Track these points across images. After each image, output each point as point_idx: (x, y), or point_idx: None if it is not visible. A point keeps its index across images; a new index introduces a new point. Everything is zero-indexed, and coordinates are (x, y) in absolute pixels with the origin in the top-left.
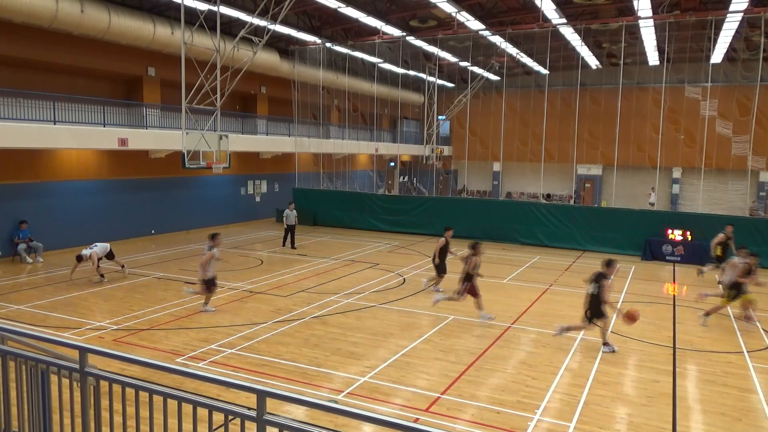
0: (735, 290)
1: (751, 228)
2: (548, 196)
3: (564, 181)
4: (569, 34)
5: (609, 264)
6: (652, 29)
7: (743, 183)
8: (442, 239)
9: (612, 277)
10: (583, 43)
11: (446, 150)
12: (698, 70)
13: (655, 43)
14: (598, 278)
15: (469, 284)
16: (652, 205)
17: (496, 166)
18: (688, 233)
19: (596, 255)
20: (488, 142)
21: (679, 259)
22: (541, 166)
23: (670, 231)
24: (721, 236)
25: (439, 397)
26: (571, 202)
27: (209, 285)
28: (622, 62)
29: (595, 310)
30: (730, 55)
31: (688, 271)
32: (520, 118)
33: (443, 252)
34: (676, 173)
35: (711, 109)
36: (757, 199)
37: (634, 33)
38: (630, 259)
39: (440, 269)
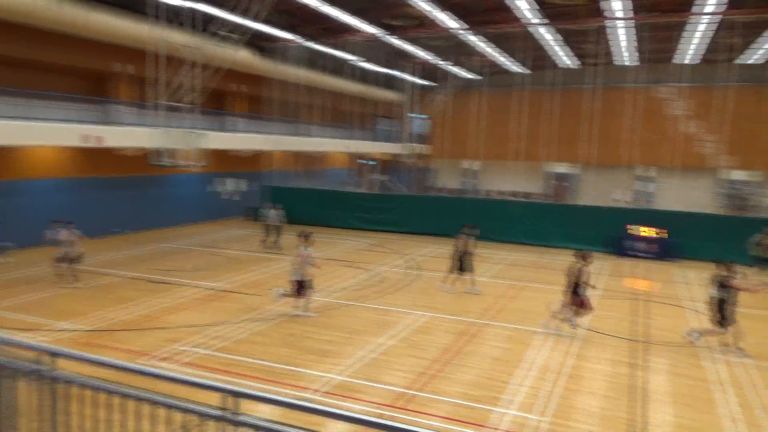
0: None
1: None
2: (527, 194)
3: (539, 179)
4: (546, 34)
5: (728, 267)
6: (626, 30)
7: (710, 180)
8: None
9: (737, 276)
10: (558, 44)
11: (424, 148)
12: (670, 71)
13: (628, 43)
14: (723, 282)
15: (579, 298)
16: (618, 201)
17: (474, 165)
18: (660, 230)
19: (567, 252)
20: (466, 140)
21: (651, 255)
22: (516, 165)
23: (642, 228)
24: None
25: (412, 394)
26: (549, 201)
27: (302, 288)
28: (595, 62)
29: (726, 314)
30: (706, 57)
31: (660, 267)
32: (497, 118)
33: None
34: (650, 172)
35: (682, 108)
36: None
37: (607, 34)
38: (603, 256)
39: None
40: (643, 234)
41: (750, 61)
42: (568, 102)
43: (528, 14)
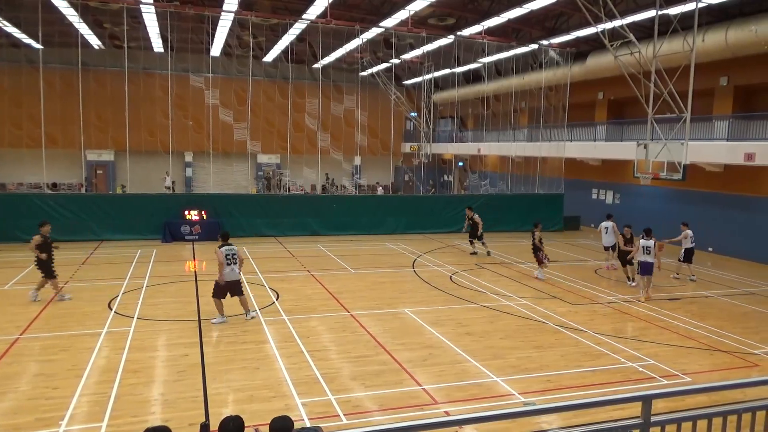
0: None
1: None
2: (54, 185)
3: (72, 168)
4: (65, 8)
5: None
6: (155, 16)
7: (245, 165)
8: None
9: None
10: (81, 21)
11: None
12: (200, 61)
13: (158, 30)
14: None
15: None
16: (169, 188)
17: None
18: (204, 213)
19: (116, 243)
20: None
21: (197, 237)
22: (42, 153)
23: (187, 212)
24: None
25: None
26: (83, 191)
27: None
28: (126, 45)
29: None
30: (227, 50)
31: (205, 247)
32: (10, 98)
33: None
34: (188, 157)
35: (214, 98)
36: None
37: (136, 17)
38: (151, 243)
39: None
40: (188, 218)
41: (267, 59)
42: (101, 85)
43: None
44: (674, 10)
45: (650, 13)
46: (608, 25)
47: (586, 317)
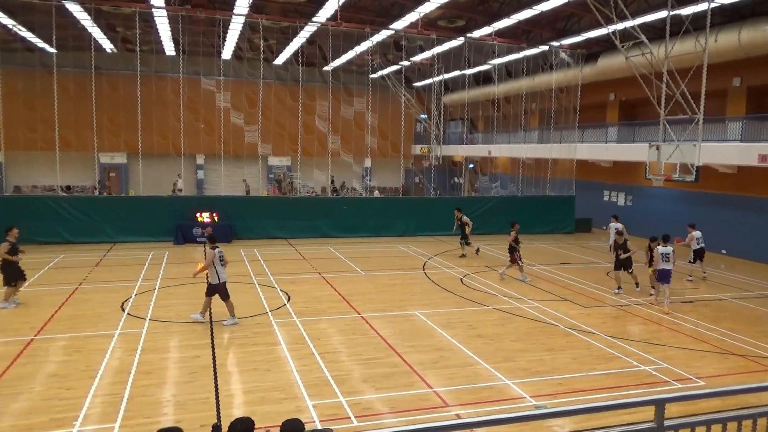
0: None
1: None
2: (68, 188)
3: (85, 170)
4: (79, 12)
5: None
6: (166, 19)
7: (256, 167)
8: None
9: None
10: (94, 24)
11: None
12: (212, 64)
13: (170, 33)
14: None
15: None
16: (180, 191)
17: None
18: (215, 215)
19: (129, 246)
20: None
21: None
22: (56, 156)
23: (198, 214)
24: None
25: None
26: (96, 193)
27: None
28: (138, 49)
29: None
30: (238, 53)
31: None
32: (25, 101)
33: None
34: (200, 160)
35: (225, 100)
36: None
37: (148, 21)
38: (163, 245)
39: None
40: (200, 220)
41: (278, 62)
42: (114, 88)
43: None
44: (686, 11)
45: (662, 14)
46: (619, 26)
47: (597, 320)
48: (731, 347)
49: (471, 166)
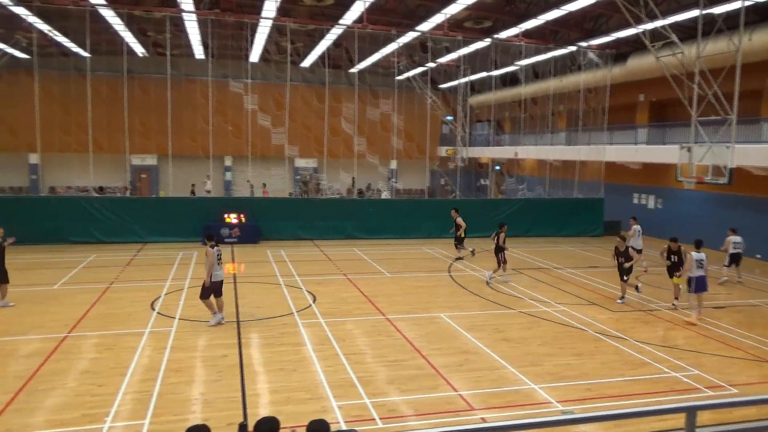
0: None
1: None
2: (101, 189)
3: (117, 172)
4: (111, 17)
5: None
6: (196, 23)
7: (283, 169)
8: None
9: None
10: (126, 29)
11: None
12: (240, 67)
13: (199, 37)
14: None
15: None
16: (209, 192)
17: (33, 158)
18: (243, 216)
19: (158, 246)
20: (19, 130)
21: (236, 240)
22: (89, 157)
23: (226, 215)
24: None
25: None
26: (128, 194)
27: None
28: (168, 53)
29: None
30: (265, 56)
31: (244, 250)
32: (60, 105)
33: None
34: (228, 161)
35: (252, 103)
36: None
37: (179, 25)
38: (192, 246)
39: None
40: (228, 221)
41: (304, 64)
42: (145, 92)
43: None
44: (719, 9)
45: (693, 13)
46: (649, 26)
47: (627, 325)
48: (766, 354)
49: (497, 168)
